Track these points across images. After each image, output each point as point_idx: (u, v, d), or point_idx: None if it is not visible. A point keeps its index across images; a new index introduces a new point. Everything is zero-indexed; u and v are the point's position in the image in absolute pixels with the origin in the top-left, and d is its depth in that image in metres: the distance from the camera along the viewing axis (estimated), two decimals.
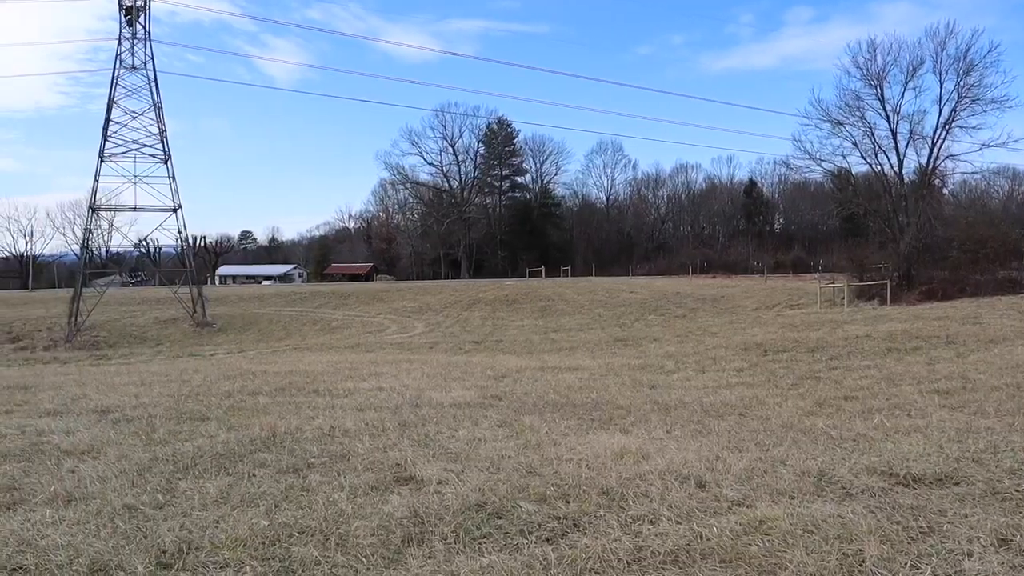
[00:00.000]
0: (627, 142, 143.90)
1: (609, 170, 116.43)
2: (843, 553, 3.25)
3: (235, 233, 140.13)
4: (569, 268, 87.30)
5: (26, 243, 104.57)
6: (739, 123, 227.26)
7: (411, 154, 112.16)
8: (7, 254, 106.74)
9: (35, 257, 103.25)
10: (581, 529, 3.68)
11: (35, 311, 50.39)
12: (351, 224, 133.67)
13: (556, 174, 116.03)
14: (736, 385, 9.58)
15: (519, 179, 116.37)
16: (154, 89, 48.65)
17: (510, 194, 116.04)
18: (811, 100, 64.12)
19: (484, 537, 3.60)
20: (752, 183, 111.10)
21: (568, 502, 4.06)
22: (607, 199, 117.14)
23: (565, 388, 9.39)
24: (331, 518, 3.85)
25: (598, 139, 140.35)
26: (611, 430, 6.35)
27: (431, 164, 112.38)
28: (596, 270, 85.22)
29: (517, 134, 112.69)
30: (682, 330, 24.70)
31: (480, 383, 9.98)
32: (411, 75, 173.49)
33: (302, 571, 3.25)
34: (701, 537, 3.48)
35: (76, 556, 3.40)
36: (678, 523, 3.70)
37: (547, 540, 3.55)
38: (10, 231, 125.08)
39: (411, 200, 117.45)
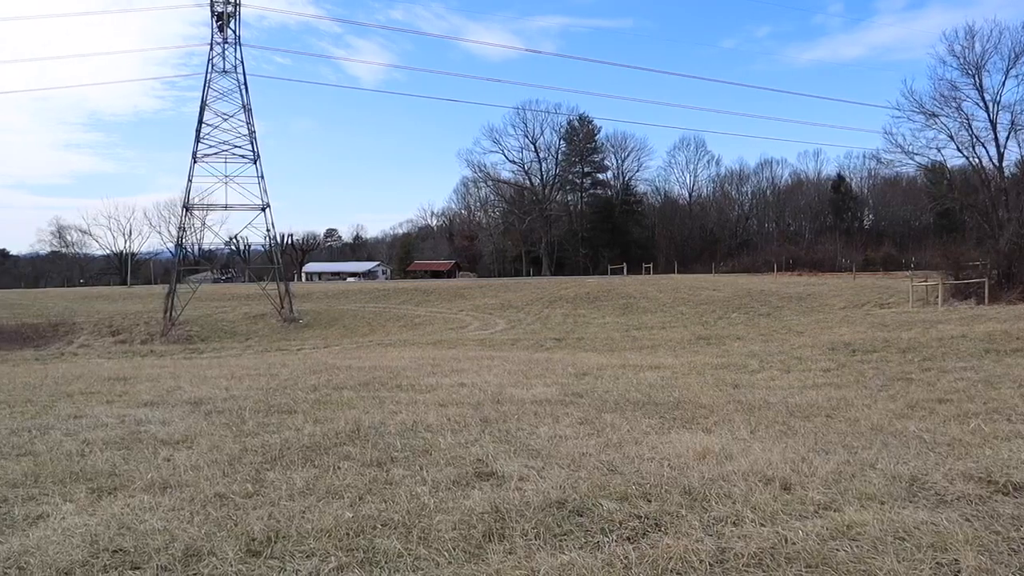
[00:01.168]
0: (710, 137, 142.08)
1: (692, 166, 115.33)
2: (937, 562, 3.14)
3: (321, 231, 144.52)
4: (651, 265, 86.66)
5: (125, 241, 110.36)
6: (826, 116, 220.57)
7: (493, 152, 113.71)
8: (108, 252, 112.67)
9: (133, 254, 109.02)
10: (663, 529, 3.64)
11: (133, 306, 52.79)
12: (434, 222, 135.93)
13: (638, 171, 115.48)
14: (823, 386, 9.30)
15: (600, 176, 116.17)
16: (244, 91, 50.50)
17: (591, 191, 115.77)
18: (903, 91, 61.68)
19: (565, 534, 3.61)
20: (840, 178, 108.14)
21: (650, 501, 4.03)
22: (689, 195, 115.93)
23: (647, 386, 9.29)
24: (413, 511, 3.91)
25: (680, 135, 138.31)
26: (693, 429, 6.26)
27: (512, 162, 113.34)
28: (678, 267, 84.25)
29: (598, 131, 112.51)
30: (766, 329, 24.13)
31: (561, 380, 9.96)
32: (493, 73, 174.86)
33: (385, 563, 3.31)
34: (786, 540, 3.40)
35: (171, 541, 3.55)
36: (762, 525, 3.63)
37: (628, 539, 3.53)
38: (110, 230, 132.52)
39: (493, 198, 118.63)
